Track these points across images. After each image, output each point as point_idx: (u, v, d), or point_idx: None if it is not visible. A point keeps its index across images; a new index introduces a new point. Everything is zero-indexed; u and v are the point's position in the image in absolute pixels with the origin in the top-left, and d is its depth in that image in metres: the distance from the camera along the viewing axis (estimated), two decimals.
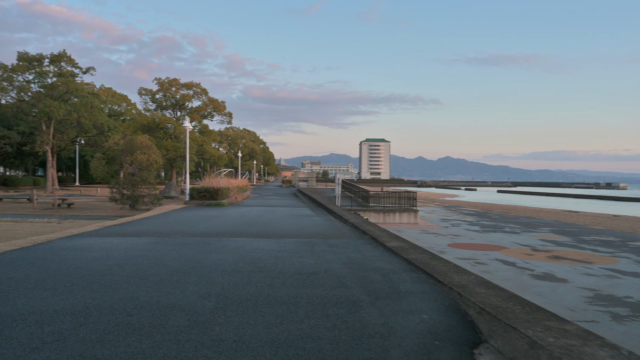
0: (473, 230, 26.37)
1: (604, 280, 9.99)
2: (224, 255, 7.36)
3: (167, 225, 12.21)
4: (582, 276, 10.45)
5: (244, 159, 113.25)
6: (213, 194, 21.85)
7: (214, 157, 69.45)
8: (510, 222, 33.23)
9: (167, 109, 67.08)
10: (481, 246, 18.90)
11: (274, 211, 18.59)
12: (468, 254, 16.53)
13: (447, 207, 52.77)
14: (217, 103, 68.67)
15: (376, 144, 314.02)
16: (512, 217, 39.40)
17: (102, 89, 71.18)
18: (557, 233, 25.00)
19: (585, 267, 11.78)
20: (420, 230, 26.10)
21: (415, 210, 31.29)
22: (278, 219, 14.90)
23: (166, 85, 64.38)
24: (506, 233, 24.92)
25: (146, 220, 13.70)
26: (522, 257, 15.05)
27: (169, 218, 14.53)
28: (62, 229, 13.15)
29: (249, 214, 16.56)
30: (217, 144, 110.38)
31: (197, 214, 16.51)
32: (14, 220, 18.71)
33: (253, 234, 10.37)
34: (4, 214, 22.05)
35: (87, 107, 40.96)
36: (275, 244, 8.78)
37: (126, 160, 25.42)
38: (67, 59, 41.08)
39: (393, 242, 8.57)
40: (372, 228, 10.85)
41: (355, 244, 8.87)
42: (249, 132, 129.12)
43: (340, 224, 12.93)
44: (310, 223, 13.28)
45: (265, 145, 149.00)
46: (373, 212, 30.41)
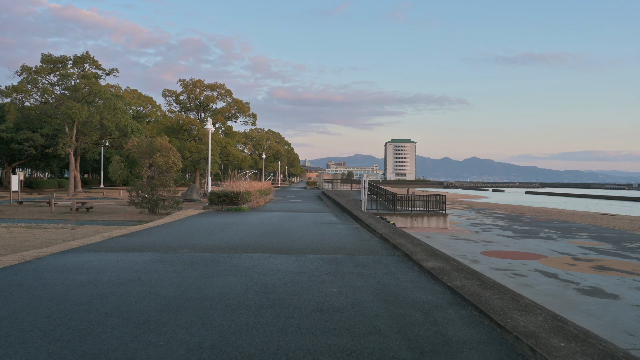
0: (506, 236, 24.89)
1: None
2: (232, 280, 6.21)
3: (178, 235, 11.18)
4: (634, 291, 9.57)
5: (269, 160, 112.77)
6: (233, 199, 20.84)
7: (238, 158, 68.88)
8: (544, 226, 31.53)
9: (191, 111, 66.80)
10: (517, 254, 17.50)
11: (295, 217, 17.44)
12: (504, 264, 15.29)
13: (476, 210, 50.89)
14: (241, 104, 68.08)
15: (402, 144, 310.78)
16: (546, 221, 37.53)
17: (127, 91, 71.47)
18: (596, 239, 23.58)
19: (635, 280, 10.80)
20: (450, 236, 24.64)
21: (445, 215, 29.82)
22: (299, 227, 13.74)
23: (190, 87, 64.06)
24: (542, 239, 23.45)
25: (158, 229, 12.71)
26: (563, 267, 14.08)
27: (183, 226, 13.53)
28: (66, 239, 12.24)
29: (268, 222, 15.45)
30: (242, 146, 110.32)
31: (214, 220, 15.49)
32: (27, 226, 18.06)
33: (270, 248, 9.21)
34: (20, 219, 21.50)
35: (110, 109, 40.66)
36: (293, 262, 7.60)
37: (145, 163, 24.65)
38: (91, 60, 40.86)
39: (430, 261, 7.29)
40: (404, 241, 9.58)
41: (386, 263, 7.62)
42: (273, 134, 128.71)
43: (367, 235, 11.68)
44: (334, 233, 12.07)
45: (290, 146, 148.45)
46: (400, 216, 29.07)
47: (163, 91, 64.30)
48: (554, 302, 8.87)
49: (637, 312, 7.78)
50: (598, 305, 8.34)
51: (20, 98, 38.70)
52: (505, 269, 14.69)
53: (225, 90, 65.86)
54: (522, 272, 13.89)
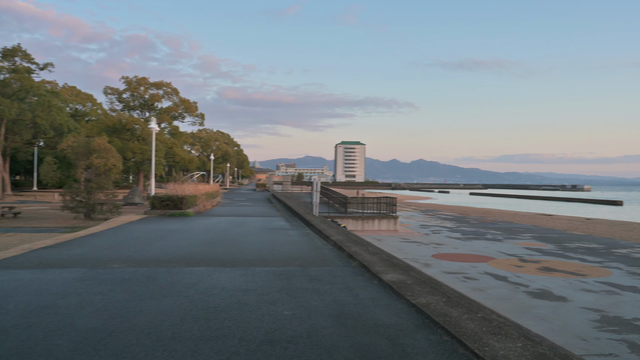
0: (455, 238, 25.05)
1: (605, 297, 9.31)
2: (168, 303, 5.35)
3: (112, 245, 10.08)
4: (580, 292, 9.78)
5: (218, 161, 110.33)
6: (177, 203, 19.62)
7: (185, 160, 66.64)
8: (490, 227, 32.14)
9: (135, 110, 63.96)
10: (466, 257, 17.47)
11: (244, 223, 16.54)
12: (455, 267, 15.18)
13: (424, 212, 51.54)
14: (188, 104, 65.91)
15: (351, 146, 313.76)
16: (491, 222, 38.37)
17: (65, 88, 67.49)
18: (539, 240, 24.27)
19: (580, 281, 11.08)
20: (401, 239, 24.46)
21: (395, 217, 29.70)
22: (248, 234, 12.89)
23: (134, 84, 61.31)
24: (489, 241, 23.77)
25: (90, 238, 11.50)
26: (512, 269, 14.17)
27: (120, 234, 12.36)
28: None
29: (215, 228, 14.48)
30: (189, 147, 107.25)
31: (155, 227, 14.34)
32: None
33: (215, 259, 8.35)
34: None
35: (44, 106, 37.94)
36: (241, 277, 6.80)
37: (81, 165, 22.93)
38: (23, 53, 38.00)
39: (390, 273, 6.72)
40: (360, 249, 9.00)
41: (342, 276, 6.97)
42: (222, 134, 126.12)
43: (320, 242, 11.01)
44: (285, 240, 11.33)
45: (239, 147, 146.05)
46: (351, 219, 28.69)
47: (104, 88, 61.22)
48: (507, 306, 8.82)
49: (586, 315, 7.83)
50: (548, 309, 8.36)
51: None
52: (457, 272, 14.54)
53: (171, 89, 63.52)
54: (473, 275, 13.85)
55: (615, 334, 6.78)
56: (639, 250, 19.46)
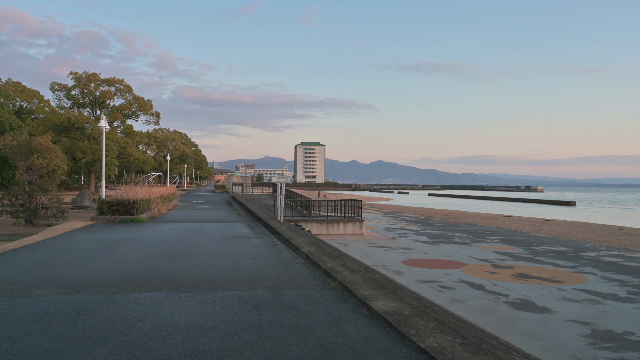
0: (422, 242, 24.51)
1: (589, 307, 9.15)
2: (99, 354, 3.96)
3: (45, 262, 8.49)
4: (562, 302, 9.58)
5: (174, 162, 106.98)
6: (128, 208, 17.87)
7: (139, 160, 63.71)
8: (455, 230, 31.89)
9: (85, 107, 60.63)
10: (438, 262, 16.88)
11: (202, 230, 15.06)
12: (428, 275, 14.50)
13: (387, 214, 51.15)
14: (142, 102, 63.08)
15: (311, 147, 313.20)
16: (455, 224, 38.28)
17: (8, 83, 63.27)
18: (507, 243, 24.25)
19: (558, 289, 10.91)
20: (368, 243, 23.58)
21: (361, 220, 28.85)
22: (207, 244, 11.49)
23: (84, 81, 58.05)
24: (457, 244, 23.37)
25: (20, 252, 9.82)
26: (487, 276, 13.85)
27: (57, 247, 10.70)
28: None
29: (169, 237, 12.97)
30: (145, 146, 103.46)
31: (101, 237, 12.69)
32: None
33: (168, 280, 6.95)
34: None
35: None
36: (199, 306, 5.46)
37: (20, 166, 20.78)
38: None
39: (380, 298, 5.56)
40: (337, 265, 7.83)
41: (323, 304, 5.73)
42: (179, 134, 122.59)
43: (289, 254, 9.76)
44: (249, 252, 10.01)
45: (197, 148, 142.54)
46: (316, 222, 27.62)
47: (51, 84, 57.72)
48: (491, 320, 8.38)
49: (575, 330, 7.51)
50: (535, 323, 8.05)
51: None
52: (431, 280, 13.78)
53: (124, 86, 60.59)
54: (449, 283, 13.03)
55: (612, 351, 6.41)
56: (605, 253, 19.53)
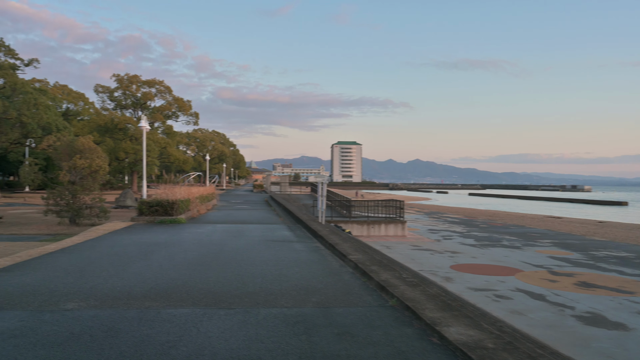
0: (469, 245, 23.40)
1: None
2: None
3: (80, 267, 8.14)
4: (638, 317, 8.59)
5: (214, 161, 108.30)
6: (167, 209, 17.64)
7: (179, 160, 64.56)
8: (502, 232, 30.52)
9: (127, 108, 61.90)
10: (489, 268, 15.83)
11: (242, 232, 14.59)
12: (480, 282, 13.48)
13: (428, 214, 49.81)
14: (182, 102, 63.87)
15: (348, 146, 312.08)
16: (501, 225, 36.79)
17: (55, 86, 65.36)
18: (561, 247, 22.86)
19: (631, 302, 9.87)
20: (412, 246, 22.67)
21: (403, 221, 27.93)
22: (247, 249, 10.97)
23: (126, 83, 59.26)
24: (507, 248, 22.12)
25: (57, 256, 9.54)
26: (545, 284, 12.80)
27: (95, 250, 10.40)
28: None
29: (208, 240, 12.53)
30: (185, 147, 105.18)
31: (139, 239, 12.39)
32: None
33: (206, 292, 6.34)
34: None
35: (30, 104, 35.85)
36: (240, 328, 4.82)
37: (64, 166, 20.96)
38: (6, 49, 35.91)
39: (453, 324, 4.69)
40: (392, 277, 7.08)
41: (383, 328, 4.95)
42: (218, 134, 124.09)
43: (336, 262, 9.08)
44: (292, 259, 9.39)
45: (235, 147, 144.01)
46: (356, 223, 26.89)
47: (95, 86, 59.18)
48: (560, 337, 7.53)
49: None
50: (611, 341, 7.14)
51: None
52: (484, 288, 12.82)
53: (164, 87, 61.50)
54: (504, 292, 11.92)
55: None
56: None
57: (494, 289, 12.54)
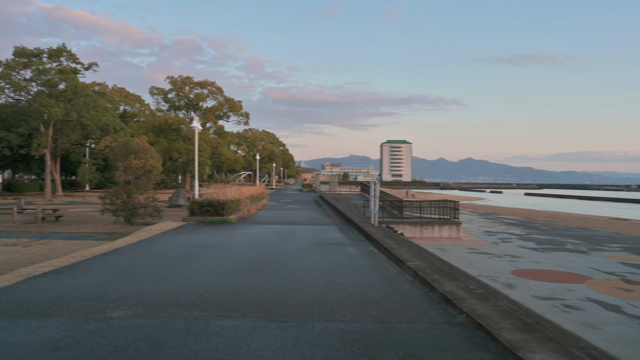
0: (530, 248, 22.09)
1: None
2: None
3: (131, 270, 7.96)
4: None
5: (263, 161, 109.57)
6: (218, 209, 17.57)
7: (230, 160, 65.54)
8: (565, 235, 28.78)
9: (180, 110, 63.40)
10: (554, 274, 14.80)
11: (293, 234, 14.23)
12: (546, 290, 12.42)
13: (483, 215, 48.01)
14: (233, 102, 64.77)
15: (397, 145, 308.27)
16: (563, 227, 34.82)
17: (114, 89, 67.97)
18: (633, 252, 21.22)
19: None
20: (468, 249, 21.64)
21: (458, 223, 26.84)
22: (298, 252, 10.56)
23: (179, 84, 60.70)
24: (572, 252, 20.69)
25: (109, 257, 9.48)
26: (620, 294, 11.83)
27: (147, 251, 10.29)
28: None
29: (259, 242, 12.23)
30: (235, 146, 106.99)
31: (190, 240, 12.25)
32: None
33: (257, 302, 5.89)
34: None
35: (90, 106, 37.22)
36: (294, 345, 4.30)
37: (119, 166, 21.40)
38: (68, 54, 37.43)
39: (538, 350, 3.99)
40: (457, 287, 6.43)
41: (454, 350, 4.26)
42: (268, 134, 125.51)
43: (392, 269, 8.48)
44: (346, 264, 8.87)
45: (284, 147, 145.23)
46: (409, 224, 26.07)
47: (150, 88, 60.96)
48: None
49: None
50: None
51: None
52: (551, 297, 11.80)
53: (216, 88, 62.53)
54: (574, 302, 11.07)
55: None
56: None
57: (562, 298, 11.57)
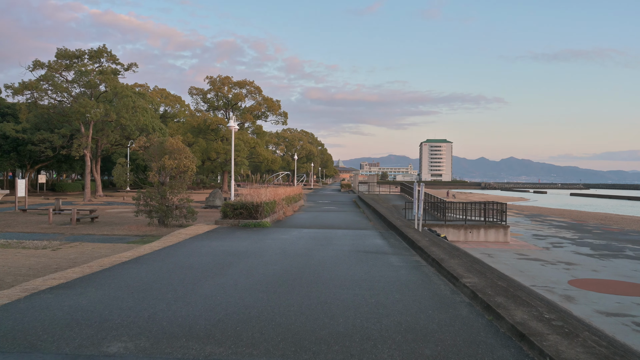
0: (585, 255, 20.37)
1: None
2: None
3: (146, 285, 7.15)
4: None
5: (301, 161, 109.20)
6: (252, 211, 16.79)
7: (268, 160, 65.22)
8: (622, 240, 26.73)
9: (219, 110, 63.52)
10: (617, 285, 13.48)
11: (330, 240, 13.25)
12: (611, 304, 11.02)
13: (529, 217, 45.76)
14: (271, 102, 64.40)
15: (437, 144, 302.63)
16: (618, 231, 32.53)
17: (155, 90, 68.90)
18: None
19: None
20: (517, 255, 20.11)
21: (506, 226, 25.23)
22: (335, 262, 9.55)
23: (218, 84, 60.78)
24: (633, 260, 18.99)
25: (127, 267, 8.74)
26: None
27: (169, 260, 9.51)
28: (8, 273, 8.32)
29: (292, 249, 11.31)
30: (274, 146, 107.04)
31: (218, 247, 11.45)
32: (4, 243, 14.58)
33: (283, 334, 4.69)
34: (5, 232, 18.11)
35: (128, 107, 37.42)
36: None
37: (153, 167, 20.98)
38: (108, 54, 37.77)
39: None
40: (530, 317, 5.30)
41: None
42: (306, 134, 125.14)
43: (445, 287, 7.34)
44: (390, 281, 7.79)
45: (323, 147, 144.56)
46: (452, 227, 24.69)
47: (189, 89, 61.31)
48: None
49: None
50: None
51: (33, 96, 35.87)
52: (618, 313, 10.39)
53: (254, 88, 62.29)
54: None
55: None
56: None
57: (631, 315, 10.16)
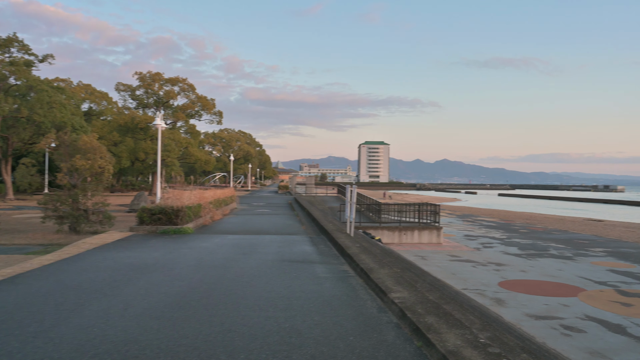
0: (514, 255, 20.69)
1: None
2: None
3: (7, 316, 5.75)
4: None
5: (239, 162, 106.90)
6: (172, 217, 15.35)
7: (201, 160, 62.75)
8: (547, 239, 27.65)
9: (149, 107, 60.41)
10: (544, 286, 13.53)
11: (254, 248, 12.16)
12: (539, 306, 11.13)
13: (461, 217, 46.82)
14: (205, 101, 62.08)
15: (375, 147, 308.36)
16: (542, 230, 33.81)
17: (79, 85, 64.47)
18: (618, 257, 19.93)
19: None
20: (449, 256, 19.95)
21: (439, 227, 25.24)
22: (255, 275, 8.50)
23: (148, 81, 57.73)
24: (558, 259, 19.50)
25: (0, 287, 7.25)
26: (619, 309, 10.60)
27: (54, 279, 8.03)
28: None
29: (210, 260, 10.12)
30: (210, 147, 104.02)
31: (124, 260, 10.03)
32: None
33: None
34: None
35: (43, 102, 34.28)
36: None
37: (62, 168, 18.95)
38: (20, 44, 34.45)
39: None
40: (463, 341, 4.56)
41: None
42: (244, 134, 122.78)
43: (373, 304, 6.49)
44: (312, 297, 6.84)
45: (261, 147, 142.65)
46: (387, 229, 24.35)
47: (116, 85, 57.88)
48: None
49: None
50: None
51: None
52: (546, 315, 10.24)
53: (187, 85, 59.78)
54: (572, 321, 9.65)
55: None
56: None
57: (559, 317, 9.89)
